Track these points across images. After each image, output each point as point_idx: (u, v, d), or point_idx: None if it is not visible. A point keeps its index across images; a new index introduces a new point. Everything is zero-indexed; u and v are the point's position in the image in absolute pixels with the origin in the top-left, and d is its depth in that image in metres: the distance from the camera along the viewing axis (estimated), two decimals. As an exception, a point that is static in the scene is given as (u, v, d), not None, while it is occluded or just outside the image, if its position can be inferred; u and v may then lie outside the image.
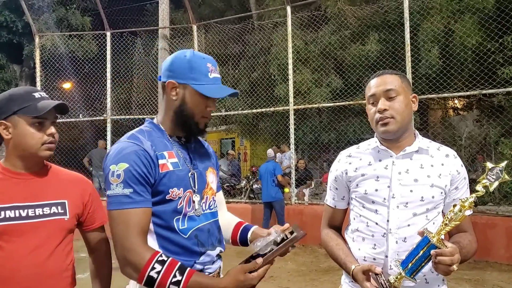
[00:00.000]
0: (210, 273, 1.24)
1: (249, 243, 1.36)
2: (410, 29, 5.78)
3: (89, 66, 8.26)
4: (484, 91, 5.39)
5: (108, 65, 7.66)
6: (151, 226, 1.17)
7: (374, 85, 1.32)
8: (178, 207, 1.18)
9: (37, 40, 7.90)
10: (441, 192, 1.29)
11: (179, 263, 1.11)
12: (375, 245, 1.30)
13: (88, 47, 9.34)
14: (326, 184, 7.52)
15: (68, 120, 7.97)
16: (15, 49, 11.62)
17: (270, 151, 6.77)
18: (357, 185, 1.36)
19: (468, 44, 6.31)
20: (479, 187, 1.15)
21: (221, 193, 1.49)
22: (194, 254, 1.20)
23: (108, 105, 7.63)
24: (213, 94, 1.21)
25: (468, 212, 1.14)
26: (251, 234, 1.36)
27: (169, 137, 1.25)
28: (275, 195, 6.21)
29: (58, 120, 1.38)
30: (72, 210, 1.35)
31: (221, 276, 1.30)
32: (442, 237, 1.14)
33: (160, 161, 1.17)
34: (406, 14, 5.71)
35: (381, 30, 7.23)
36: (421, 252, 1.13)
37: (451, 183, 1.30)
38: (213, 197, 1.32)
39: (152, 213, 1.16)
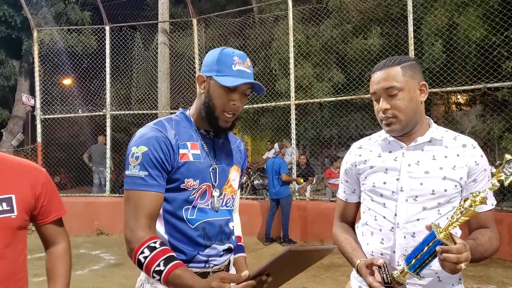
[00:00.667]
0: (216, 265, 1.25)
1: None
2: (413, 21, 5.68)
3: (88, 61, 8.18)
4: (489, 85, 5.30)
5: (107, 60, 7.57)
6: (161, 211, 1.19)
7: (375, 81, 1.25)
8: (190, 198, 1.20)
9: (35, 34, 7.81)
10: (455, 185, 1.21)
11: (168, 255, 1.09)
12: (382, 239, 1.25)
13: (87, 42, 9.24)
14: (328, 180, 7.42)
15: (67, 115, 7.91)
16: (14, 44, 11.52)
17: (276, 146, 6.65)
18: (365, 177, 1.31)
19: (472, 37, 6.21)
20: (493, 181, 1.06)
21: (238, 192, 1.47)
22: (199, 246, 1.21)
23: (107, 100, 7.55)
24: (227, 83, 1.18)
25: (488, 207, 1.04)
26: (234, 259, 1.38)
27: (196, 129, 1.27)
28: (281, 192, 6.14)
29: (58, 116, 1.28)
30: (20, 205, 1.19)
31: (231, 269, 1.34)
32: (458, 232, 1.06)
33: (181, 151, 1.20)
34: (410, 7, 5.61)
35: (384, 24, 7.13)
36: (426, 248, 1.06)
37: (468, 175, 1.22)
38: (232, 195, 1.32)
39: (165, 199, 1.19)
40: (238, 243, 1.42)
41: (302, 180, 6.58)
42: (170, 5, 8.67)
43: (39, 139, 7.58)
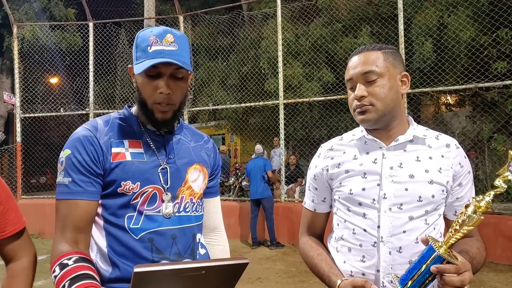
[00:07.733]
0: None
1: None
2: (403, 20, 5.59)
3: (71, 58, 7.92)
4: (480, 85, 5.22)
5: (91, 57, 7.34)
6: (101, 222, 1.04)
7: (351, 66, 1.10)
8: (131, 203, 1.04)
9: (15, 30, 7.52)
10: (443, 190, 1.06)
11: (77, 273, 0.92)
12: (363, 257, 1.07)
13: (72, 39, 8.98)
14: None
15: (48, 114, 7.63)
16: (-5, 41, 11.19)
17: (259, 147, 6.52)
18: (340, 183, 1.13)
19: (463, 37, 6.16)
20: (498, 182, 0.90)
21: (216, 201, 1.27)
22: (144, 261, 1.02)
23: (91, 99, 7.31)
24: (137, 70, 1.02)
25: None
26: None
27: (141, 126, 1.11)
28: (264, 192, 5.99)
29: (38, 115, 1.08)
30: None
31: None
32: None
33: (115, 150, 1.05)
34: (400, 5, 5.51)
35: (374, 22, 7.04)
36: (424, 266, 0.89)
37: (453, 179, 1.08)
38: (191, 199, 1.12)
39: (103, 206, 1.04)
40: None
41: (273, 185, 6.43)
42: (158, 2, 8.47)
43: (18, 139, 7.30)
